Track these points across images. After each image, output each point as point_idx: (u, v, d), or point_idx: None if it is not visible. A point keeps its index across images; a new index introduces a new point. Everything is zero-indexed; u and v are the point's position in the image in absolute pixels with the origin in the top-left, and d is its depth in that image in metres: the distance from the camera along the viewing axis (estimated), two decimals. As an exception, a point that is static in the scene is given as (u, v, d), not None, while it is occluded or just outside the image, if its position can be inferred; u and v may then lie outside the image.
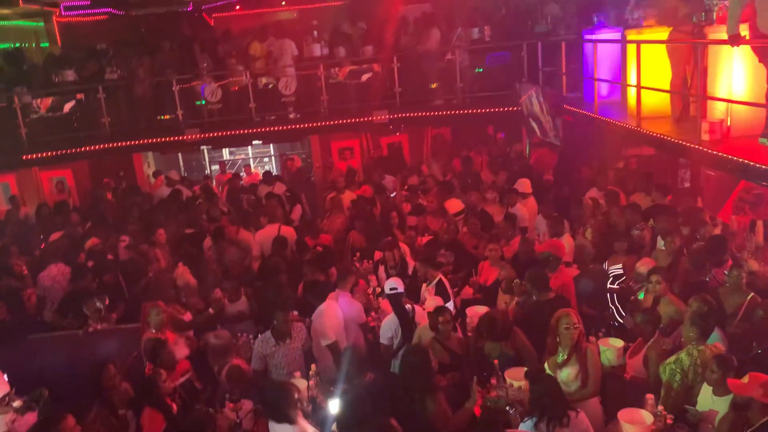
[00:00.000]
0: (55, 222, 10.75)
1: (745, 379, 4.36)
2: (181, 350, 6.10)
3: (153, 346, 5.83)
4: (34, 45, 17.10)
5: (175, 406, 5.34)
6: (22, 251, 9.49)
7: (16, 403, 5.66)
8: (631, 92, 9.03)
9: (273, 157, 18.44)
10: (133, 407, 5.27)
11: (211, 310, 7.06)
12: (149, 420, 5.06)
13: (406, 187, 11.38)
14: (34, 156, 12.37)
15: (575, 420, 4.55)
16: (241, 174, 15.16)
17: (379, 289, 7.47)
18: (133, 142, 13.03)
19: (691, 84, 8.02)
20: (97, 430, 4.95)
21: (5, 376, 5.85)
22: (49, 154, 12.46)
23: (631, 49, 8.97)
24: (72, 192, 14.20)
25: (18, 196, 12.96)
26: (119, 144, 12.86)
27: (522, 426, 4.65)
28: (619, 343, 5.79)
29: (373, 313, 7.14)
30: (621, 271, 6.97)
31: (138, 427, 5.14)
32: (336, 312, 6.42)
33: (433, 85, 13.07)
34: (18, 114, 12.25)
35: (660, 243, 7.29)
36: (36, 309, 8.35)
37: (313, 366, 5.89)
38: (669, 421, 4.72)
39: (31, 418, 5.33)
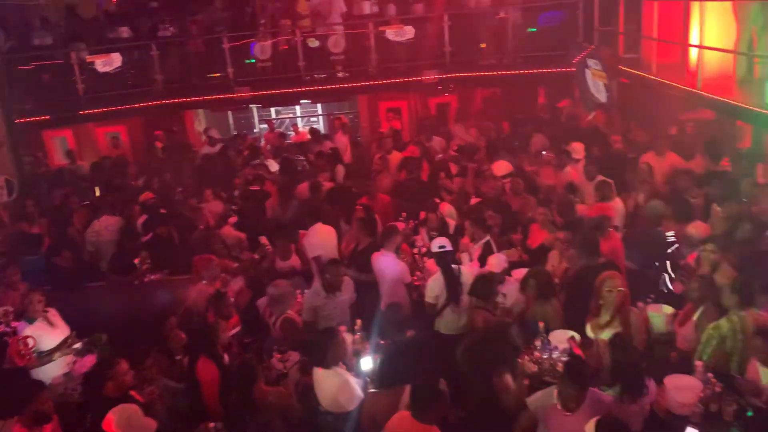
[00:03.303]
0: (112, 176, 11.07)
1: None
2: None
3: (215, 296, 6.03)
4: (89, 2, 17.34)
5: (227, 357, 5.51)
6: (81, 203, 9.80)
7: (77, 346, 5.96)
8: (693, 53, 8.67)
9: (321, 117, 18.47)
10: (188, 354, 5.45)
11: (256, 255, 7.22)
12: (203, 368, 5.21)
13: (454, 148, 11.27)
14: (90, 111, 12.68)
15: (650, 388, 4.53)
16: (289, 133, 15.26)
17: (424, 249, 7.49)
18: (184, 99, 13.23)
19: (757, 44, 7.65)
20: (154, 374, 5.15)
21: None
22: (105, 109, 12.77)
23: (695, 7, 8.58)
24: (126, 147, 14.56)
25: (74, 150, 13.37)
26: (171, 101, 13.07)
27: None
28: (668, 309, 5.70)
29: (418, 273, 7.18)
30: (674, 238, 6.81)
31: (192, 373, 5.33)
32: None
33: (483, 45, 12.80)
34: (75, 70, 12.54)
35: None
36: (91, 259, 8.66)
37: (358, 321, 5.99)
38: (718, 389, 4.65)
39: (90, 360, 5.58)
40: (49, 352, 5.83)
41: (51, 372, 5.76)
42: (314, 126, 16.86)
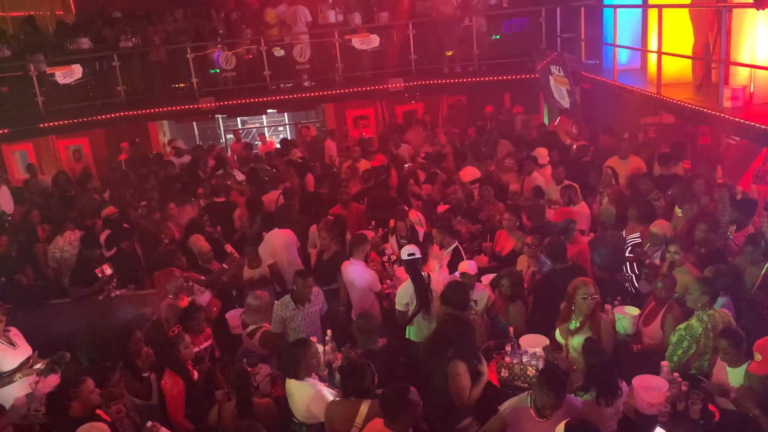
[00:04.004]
0: (74, 190, 10.84)
1: (758, 357, 4.36)
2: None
3: (188, 310, 5.92)
4: (48, 13, 17.05)
5: (196, 373, 5.43)
6: (44, 218, 9.58)
7: (39, 366, 5.78)
8: (652, 58, 8.86)
9: (288, 126, 18.39)
10: (155, 370, 5.36)
11: (225, 265, 7.15)
12: (169, 383, 5.14)
13: (422, 155, 11.31)
14: (50, 124, 12.42)
15: (623, 390, 4.62)
16: (256, 143, 15.14)
17: (394, 257, 7.48)
18: (148, 111, 13.05)
19: (713, 49, 7.85)
20: (120, 392, 5.04)
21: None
22: (66, 122, 12.52)
23: (653, 13, 8.78)
24: (88, 160, 14.31)
25: (35, 164, 13.07)
26: (134, 112, 12.88)
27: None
28: (635, 311, 5.78)
29: (388, 281, 7.16)
30: (639, 240, 6.92)
31: (159, 389, 5.23)
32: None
33: (449, 53, 12.91)
34: (34, 82, 12.27)
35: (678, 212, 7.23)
36: (54, 276, 8.46)
37: (329, 331, 5.95)
38: (684, 388, 4.73)
39: (54, 380, 5.40)
40: (9, 373, 5.64)
41: (12, 393, 5.57)
42: (281, 135, 16.81)
